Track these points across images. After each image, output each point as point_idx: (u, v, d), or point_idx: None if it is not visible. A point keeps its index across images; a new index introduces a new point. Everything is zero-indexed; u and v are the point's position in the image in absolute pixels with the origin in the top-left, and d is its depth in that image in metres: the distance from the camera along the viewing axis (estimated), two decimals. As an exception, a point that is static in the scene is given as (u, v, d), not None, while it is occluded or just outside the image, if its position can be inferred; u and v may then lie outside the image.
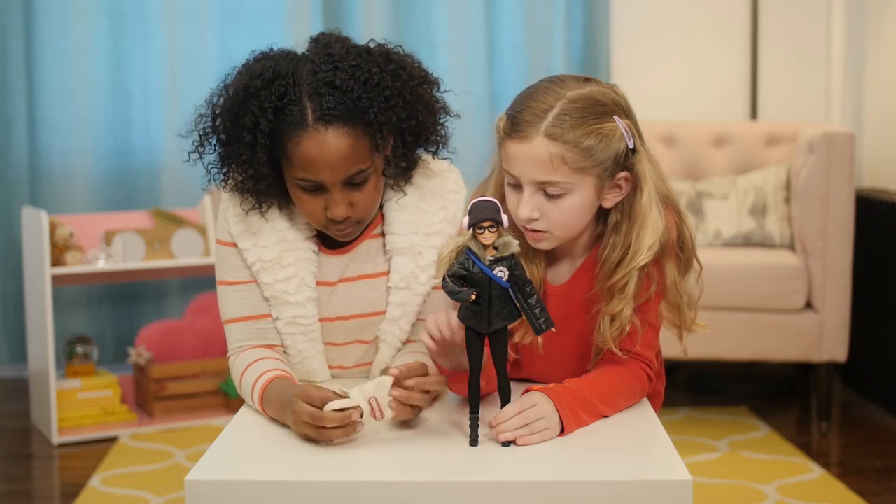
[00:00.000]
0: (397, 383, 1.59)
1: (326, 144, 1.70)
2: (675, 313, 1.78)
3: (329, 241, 1.89)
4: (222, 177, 1.82)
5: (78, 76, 3.91)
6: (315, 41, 1.81)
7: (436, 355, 1.65)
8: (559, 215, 1.69)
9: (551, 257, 1.81)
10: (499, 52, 4.17)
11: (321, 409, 1.58)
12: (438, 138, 1.85)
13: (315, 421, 1.57)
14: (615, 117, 1.69)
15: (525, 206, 1.69)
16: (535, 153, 1.66)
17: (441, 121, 1.85)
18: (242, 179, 1.78)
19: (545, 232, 1.70)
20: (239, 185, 1.80)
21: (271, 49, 1.81)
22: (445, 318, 1.61)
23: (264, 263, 1.84)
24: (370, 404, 1.58)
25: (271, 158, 1.75)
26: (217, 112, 1.77)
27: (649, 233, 1.69)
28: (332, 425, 1.57)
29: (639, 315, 1.74)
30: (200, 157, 1.82)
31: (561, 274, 1.82)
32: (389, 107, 1.73)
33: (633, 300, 1.70)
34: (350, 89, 1.70)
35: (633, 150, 1.70)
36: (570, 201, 1.68)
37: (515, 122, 1.68)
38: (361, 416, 1.57)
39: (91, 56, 3.91)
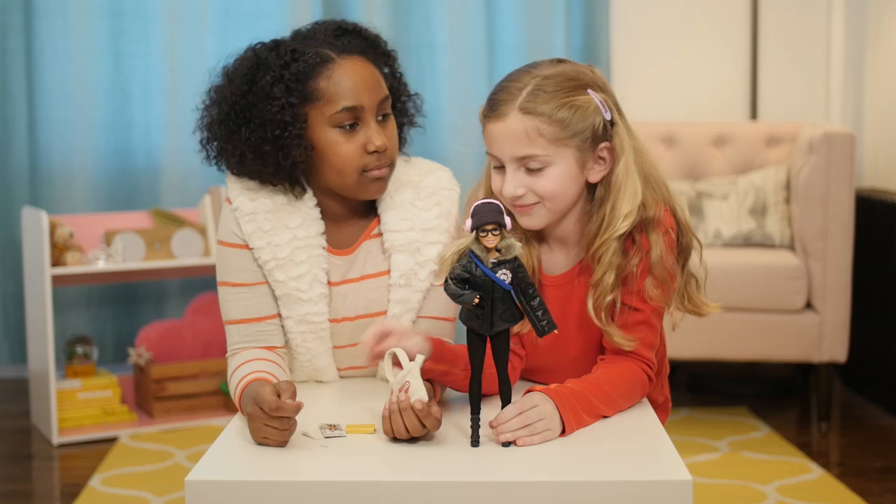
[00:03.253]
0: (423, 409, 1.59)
1: (358, 69, 1.82)
2: (661, 290, 1.76)
3: (333, 241, 1.91)
4: (237, 155, 1.83)
5: (78, 76, 3.91)
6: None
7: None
8: (544, 187, 1.72)
9: (546, 247, 1.83)
10: (499, 52, 4.16)
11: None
12: (410, 115, 1.98)
13: (273, 420, 1.58)
14: (590, 91, 1.72)
15: (509, 184, 1.72)
16: (511, 129, 1.70)
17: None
18: (263, 143, 1.80)
19: (534, 205, 1.73)
20: (256, 155, 1.81)
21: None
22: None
23: (279, 261, 1.84)
24: (404, 389, 1.60)
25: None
26: (230, 79, 1.83)
27: (626, 202, 1.72)
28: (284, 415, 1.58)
29: (631, 305, 1.75)
30: (208, 141, 1.87)
31: (557, 265, 1.83)
32: (387, 52, 1.91)
33: (615, 269, 1.72)
34: (360, 31, 1.88)
35: (612, 123, 1.73)
36: (553, 173, 1.71)
37: (492, 104, 1.74)
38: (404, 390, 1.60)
39: (91, 56, 3.91)
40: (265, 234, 1.85)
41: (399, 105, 1.95)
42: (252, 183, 1.88)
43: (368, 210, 1.94)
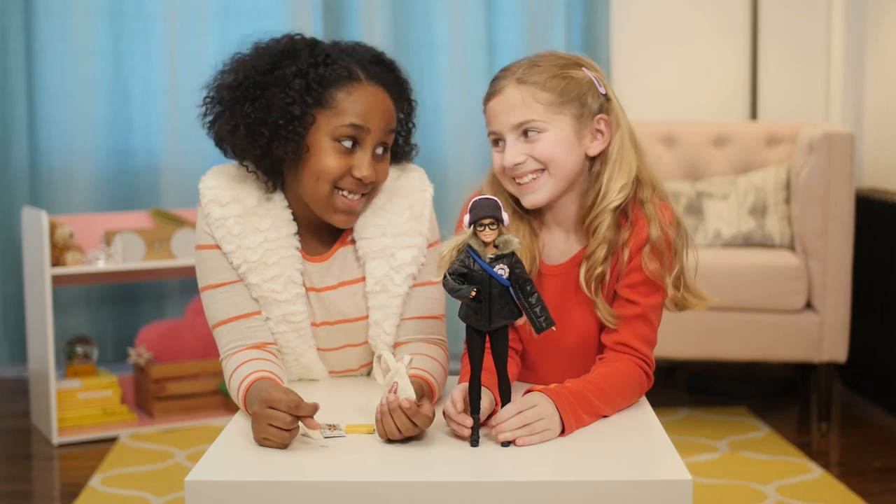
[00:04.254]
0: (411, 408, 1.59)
1: (378, 97, 1.84)
2: (659, 262, 1.77)
3: (308, 248, 1.91)
4: (230, 126, 1.83)
5: (78, 76, 3.91)
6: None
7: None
8: (543, 150, 1.76)
9: (548, 236, 1.84)
10: (499, 52, 4.16)
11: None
12: (410, 148, 2.00)
13: (285, 425, 1.58)
14: (583, 69, 1.80)
15: (509, 153, 1.77)
16: (508, 99, 1.77)
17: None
18: (262, 125, 1.80)
19: (539, 173, 1.77)
20: (249, 133, 1.81)
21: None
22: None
23: (250, 265, 1.85)
24: (392, 390, 1.61)
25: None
26: (257, 54, 1.85)
27: (622, 175, 1.77)
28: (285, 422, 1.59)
29: (627, 298, 1.77)
30: (212, 102, 1.87)
31: (556, 254, 1.84)
32: (409, 98, 1.94)
33: (608, 243, 1.75)
34: (394, 69, 1.90)
35: (607, 98, 1.80)
36: (549, 137, 1.76)
37: (492, 85, 1.82)
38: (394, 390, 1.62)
39: (91, 56, 3.91)
40: (235, 238, 1.85)
41: (398, 150, 1.95)
42: (222, 189, 1.87)
43: None
